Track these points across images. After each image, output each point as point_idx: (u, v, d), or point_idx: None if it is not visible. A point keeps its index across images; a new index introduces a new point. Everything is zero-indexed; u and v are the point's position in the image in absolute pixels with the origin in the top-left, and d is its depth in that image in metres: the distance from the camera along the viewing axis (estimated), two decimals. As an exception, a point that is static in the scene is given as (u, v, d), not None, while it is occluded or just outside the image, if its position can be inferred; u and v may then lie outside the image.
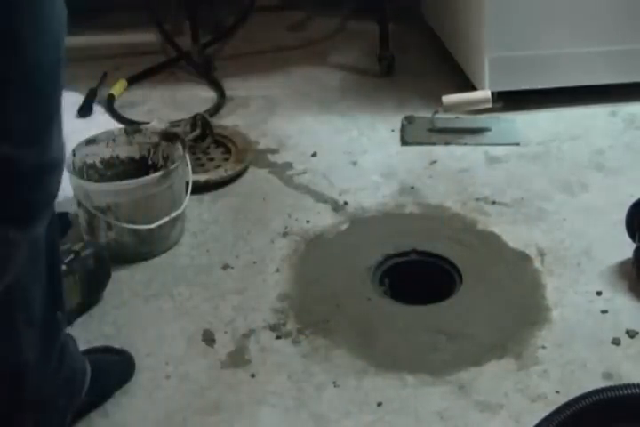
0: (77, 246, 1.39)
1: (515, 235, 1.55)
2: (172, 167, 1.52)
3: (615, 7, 1.90)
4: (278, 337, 1.34)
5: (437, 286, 1.47)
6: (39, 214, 0.92)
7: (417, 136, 1.91)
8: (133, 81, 2.22)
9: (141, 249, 1.53)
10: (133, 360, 1.29)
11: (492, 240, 1.55)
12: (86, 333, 1.37)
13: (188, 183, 1.59)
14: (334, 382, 1.25)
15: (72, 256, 1.37)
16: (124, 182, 1.49)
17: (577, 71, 1.96)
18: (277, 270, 1.50)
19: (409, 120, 1.96)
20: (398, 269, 1.51)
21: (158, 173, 1.50)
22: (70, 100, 2.11)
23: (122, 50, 2.36)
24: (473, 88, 2.00)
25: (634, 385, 1.11)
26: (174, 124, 1.85)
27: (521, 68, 1.95)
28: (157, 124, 1.74)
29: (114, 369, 1.26)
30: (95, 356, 1.24)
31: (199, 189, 1.69)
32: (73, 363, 1.15)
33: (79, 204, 1.51)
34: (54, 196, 0.94)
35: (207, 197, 1.72)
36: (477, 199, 1.67)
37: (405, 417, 1.19)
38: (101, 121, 2.01)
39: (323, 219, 1.64)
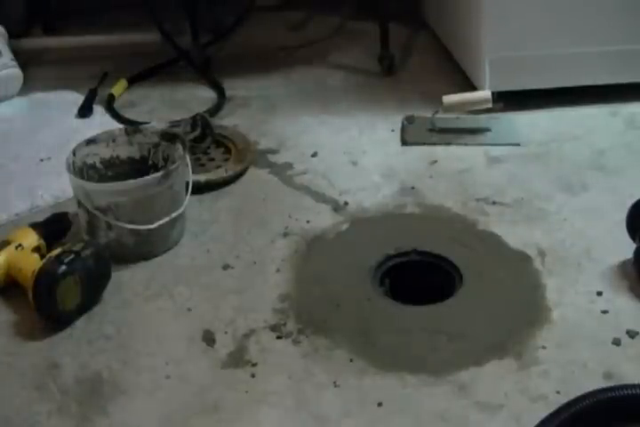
0: (77, 246, 1.39)
1: (515, 235, 1.55)
2: (172, 167, 1.52)
3: (615, 7, 1.90)
4: (279, 337, 1.34)
5: (437, 286, 1.47)
6: None
7: (417, 136, 1.91)
8: (133, 81, 2.22)
9: (141, 249, 1.53)
10: None
11: (493, 240, 1.55)
12: (86, 333, 1.37)
13: (188, 183, 1.59)
14: (334, 382, 1.25)
15: (72, 256, 1.36)
16: (124, 182, 1.49)
17: (577, 71, 1.96)
18: (278, 271, 1.50)
19: (409, 120, 1.96)
20: (398, 269, 1.51)
21: (158, 173, 1.50)
22: (70, 100, 2.12)
23: (122, 50, 2.36)
24: (473, 88, 2.00)
25: (634, 385, 1.12)
26: (174, 124, 1.85)
27: (521, 68, 1.95)
28: (157, 124, 1.74)
29: None
30: None
31: (199, 189, 1.69)
32: None
33: (79, 204, 1.51)
34: None
35: (207, 197, 1.72)
36: (478, 199, 1.67)
37: (405, 417, 1.19)
38: (101, 121, 2.02)
39: (323, 219, 1.63)
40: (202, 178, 1.72)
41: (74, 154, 1.55)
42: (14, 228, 1.55)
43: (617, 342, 1.30)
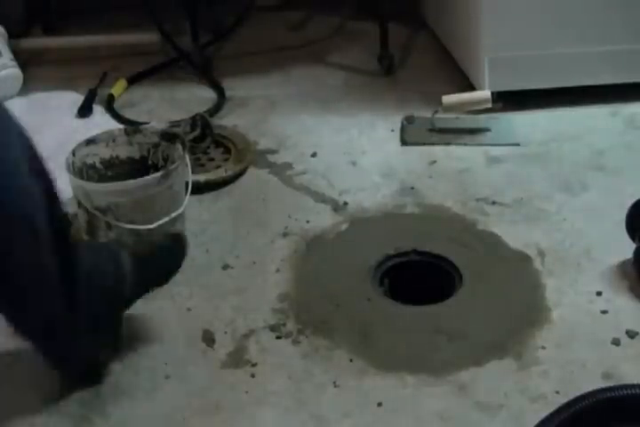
0: (77, 246, 1.39)
1: (515, 235, 1.55)
2: (172, 167, 1.52)
3: (615, 7, 1.90)
4: (278, 337, 1.34)
5: (437, 286, 1.47)
6: None
7: (417, 136, 1.91)
8: (133, 81, 2.22)
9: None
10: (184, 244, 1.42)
11: (492, 240, 1.55)
12: (86, 333, 1.37)
13: (187, 183, 1.59)
14: (334, 383, 1.25)
15: (72, 256, 1.36)
16: (124, 182, 1.49)
17: (577, 71, 1.96)
18: (277, 270, 1.50)
19: (409, 120, 1.95)
20: (398, 269, 1.51)
21: (158, 173, 1.50)
22: (70, 100, 2.11)
23: (122, 50, 2.36)
24: (472, 88, 2.00)
25: (633, 385, 1.11)
26: (174, 124, 1.85)
27: (521, 68, 1.95)
28: (157, 124, 1.74)
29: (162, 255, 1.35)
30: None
31: (199, 189, 1.69)
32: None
33: (79, 204, 1.51)
34: None
35: (207, 197, 1.72)
36: (477, 199, 1.67)
37: (405, 417, 1.19)
38: (101, 121, 2.01)
39: (323, 219, 1.64)
40: (201, 178, 1.72)
41: (73, 154, 1.55)
42: (14, 228, 1.55)
43: (616, 342, 1.30)
